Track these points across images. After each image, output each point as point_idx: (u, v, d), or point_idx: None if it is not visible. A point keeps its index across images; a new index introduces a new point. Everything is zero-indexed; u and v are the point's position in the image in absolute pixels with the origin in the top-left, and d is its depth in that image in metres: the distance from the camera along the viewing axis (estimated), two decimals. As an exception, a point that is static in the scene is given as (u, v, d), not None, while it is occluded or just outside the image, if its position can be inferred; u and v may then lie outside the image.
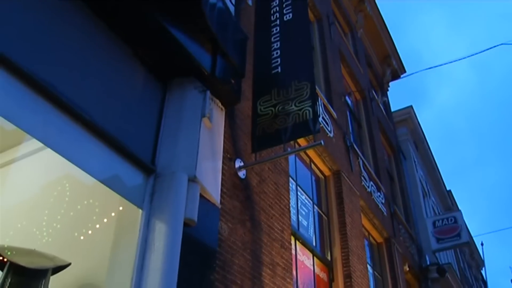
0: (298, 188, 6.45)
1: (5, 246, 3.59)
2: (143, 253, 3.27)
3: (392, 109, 15.67)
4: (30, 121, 2.90)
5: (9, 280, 3.42)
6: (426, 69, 29.65)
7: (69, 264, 3.63)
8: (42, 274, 3.49)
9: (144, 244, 3.30)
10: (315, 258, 6.36)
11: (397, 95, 41.13)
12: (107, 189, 4.18)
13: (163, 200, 3.42)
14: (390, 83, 15.72)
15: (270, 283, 4.53)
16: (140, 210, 3.42)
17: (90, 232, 4.15)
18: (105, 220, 4.12)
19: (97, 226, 4.14)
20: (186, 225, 3.41)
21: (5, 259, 3.49)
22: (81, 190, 4.51)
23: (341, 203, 7.26)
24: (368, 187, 9.04)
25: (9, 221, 4.82)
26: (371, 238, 9.27)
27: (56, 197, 4.62)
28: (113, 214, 4.08)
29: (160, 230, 3.30)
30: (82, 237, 4.15)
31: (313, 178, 7.27)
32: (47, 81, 2.92)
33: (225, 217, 4.08)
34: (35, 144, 5.14)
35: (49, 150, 5.04)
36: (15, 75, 2.77)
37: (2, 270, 3.45)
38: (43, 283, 3.48)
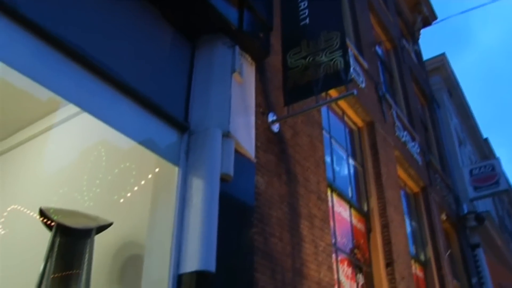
0: (332, 140, 6.43)
1: (51, 208, 3.72)
2: (182, 211, 3.33)
3: (435, 53, 15.19)
4: (64, 86, 2.95)
5: (58, 240, 3.56)
6: (458, 14, 28.52)
7: (111, 224, 3.74)
8: (87, 233, 3.61)
9: (182, 201, 3.36)
10: (351, 209, 6.39)
11: (438, 38, 39.54)
12: (142, 151, 4.25)
13: (198, 157, 3.45)
14: (429, 27, 15.22)
15: (309, 234, 4.58)
16: (176, 168, 3.47)
17: (128, 194, 4.25)
18: (143, 182, 4.20)
19: (135, 188, 4.23)
20: (222, 180, 3.45)
21: (52, 222, 3.63)
22: (116, 154, 4.60)
23: (376, 154, 7.21)
24: (402, 136, 8.92)
25: (51, 187, 4.98)
26: (407, 188, 9.22)
27: (93, 162, 4.73)
28: (150, 176, 4.16)
29: (197, 187, 3.35)
30: (121, 200, 4.25)
31: (347, 130, 7.22)
32: (78, 46, 2.95)
33: (261, 171, 4.10)
34: (69, 110, 5.25)
35: (82, 117, 5.15)
36: (46, 41, 2.80)
37: (50, 230, 3.60)
38: (88, 242, 3.60)
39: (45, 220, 3.69)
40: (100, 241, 3.68)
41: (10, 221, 5.32)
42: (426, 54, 15.82)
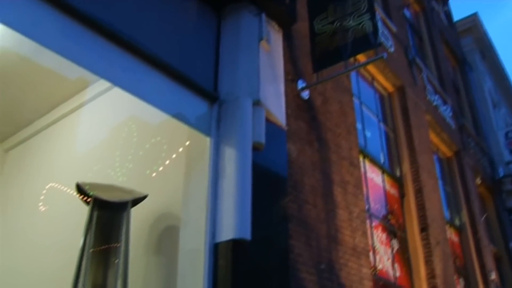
0: (362, 106, 6.34)
1: (87, 183, 3.79)
2: (215, 181, 3.35)
3: (466, 14, 14.74)
4: (94, 62, 2.97)
5: (95, 214, 3.64)
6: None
7: (146, 196, 3.80)
8: (123, 207, 3.68)
9: (215, 171, 3.38)
10: (384, 174, 6.33)
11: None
12: (173, 125, 4.27)
13: (229, 126, 3.45)
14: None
15: (342, 200, 4.57)
16: (208, 138, 3.48)
17: (161, 168, 4.30)
18: (174, 156, 4.24)
19: (167, 161, 4.27)
20: (254, 149, 3.44)
21: (89, 197, 3.71)
22: (147, 129, 4.64)
23: (407, 119, 7.09)
24: (434, 100, 8.74)
25: (85, 165, 5.07)
26: (440, 153, 9.08)
27: (125, 138, 4.78)
28: (181, 148, 4.19)
29: (229, 156, 3.35)
30: (153, 174, 4.30)
31: (377, 95, 7.11)
32: (106, 21, 2.96)
33: (292, 138, 4.09)
34: (100, 87, 5.30)
35: (111, 94, 5.20)
36: (74, 18, 2.81)
37: (87, 204, 3.68)
38: (125, 215, 3.67)
39: (82, 195, 3.76)
40: (136, 213, 3.75)
41: (49, 199, 5.46)
42: (457, 15, 15.32)
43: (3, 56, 5.21)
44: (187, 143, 3.74)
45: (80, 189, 3.71)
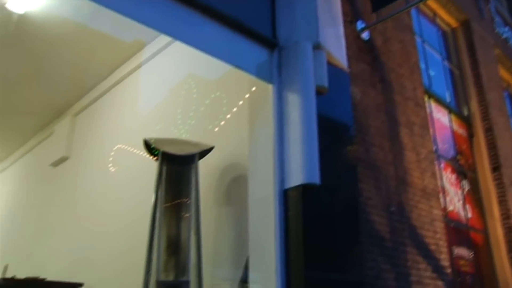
0: (425, 44, 6.07)
1: (153, 138, 3.87)
2: (281, 127, 3.33)
3: None
4: (153, 16, 2.95)
5: (164, 168, 3.73)
6: None
7: (212, 148, 3.85)
8: (191, 159, 3.75)
9: (280, 118, 3.35)
10: (451, 114, 6.10)
11: None
12: (231, 79, 4.26)
13: (291, 72, 3.39)
14: None
15: (409, 142, 4.45)
16: (270, 86, 3.44)
17: (222, 122, 4.32)
18: (235, 109, 4.25)
19: (228, 115, 4.29)
20: (318, 93, 3.37)
21: (156, 152, 3.79)
22: (205, 85, 4.66)
23: (473, 55, 6.74)
24: (503, 33, 8.20)
25: (148, 125, 5.19)
26: (510, 89, 8.62)
27: (185, 96, 4.82)
28: (241, 102, 4.19)
29: (293, 102, 3.30)
30: (216, 129, 4.34)
31: (440, 32, 6.77)
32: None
33: (355, 81, 3.98)
34: (159, 43, 5.34)
35: (169, 53, 5.22)
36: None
37: (156, 159, 3.77)
38: (193, 168, 3.74)
39: (149, 151, 3.86)
40: (203, 166, 3.82)
41: (117, 159, 5.65)
42: None
43: (62, 26, 5.34)
44: (249, 93, 3.72)
45: (147, 145, 3.80)
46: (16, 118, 7.60)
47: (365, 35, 4.35)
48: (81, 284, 5.26)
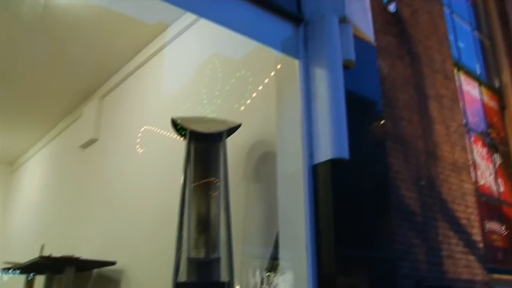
0: (454, 15, 5.91)
1: (180, 117, 3.88)
2: (308, 103, 3.29)
3: None
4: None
5: (192, 147, 3.75)
6: None
7: (240, 125, 3.84)
8: (219, 137, 3.75)
9: (307, 93, 3.31)
10: (481, 87, 5.96)
11: None
12: (256, 57, 4.23)
13: (317, 46, 3.34)
14: None
15: (438, 115, 4.38)
16: (297, 61, 3.40)
17: (248, 101, 4.31)
18: (261, 87, 4.23)
19: (254, 94, 4.27)
20: (345, 67, 3.31)
21: (183, 133, 3.80)
22: (230, 64, 4.64)
23: (506, 23, 6.52)
24: (535, 0, 7.95)
25: (174, 105, 5.21)
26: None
27: (210, 75, 4.82)
28: (266, 80, 4.16)
29: (320, 76, 3.27)
30: (242, 108, 4.33)
31: (469, 2, 6.58)
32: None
33: (382, 54, 3.91)
34: (183, 23, 5.33)
35: (192, 32, 5.21)
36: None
37: (184, 138, 3.79)
38: (221, 145, 3.75)
39: (177, 130, 3.87)
40: (231, 144, 3.82)
41: (145, 141, 5.70)
42: None
43: (87, 10, 5.39)
44: (275, 71, 3.69)
45: (175, 124, 3.82)
46: (45, 102, 7.73)
47: (392, 7, 4.27)
48: (114, 263, 5.38)
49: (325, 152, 3.08)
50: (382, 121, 3.64)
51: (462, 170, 4.50)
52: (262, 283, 3.50)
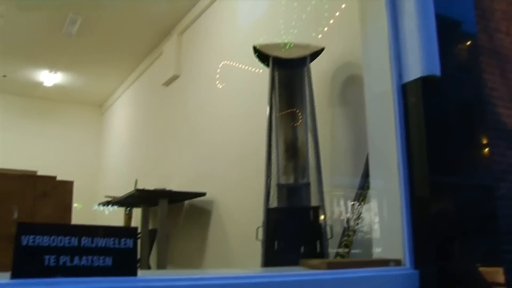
0: None
1: (259, 45, 3.83)
2: (394, 20, 3.11)
3: None
4: None
5: (276, 73, 3.71)
6: None
7: (323, 48, 3.74)
8: (302, 62, 3.69)
9: (393, 10, 3.13)
10: None
11: None
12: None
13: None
14: None
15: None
16: (380, -24, 3.21)
17: (326, 28, 4.17)
18: (337, 14, 4.08)
19: (331, 21, 4.13)
20: (432, -24, 3.09)
21: (266, 60, 3.76)
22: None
23: None
24: None
25: (251, 38, 5.11)
26: None
27: (285, 5, 4.70)
28: (343, 5, 4.01)
29: (407, -10, 3.07)
30: (320, 36, 4.20)
31: None
32: None
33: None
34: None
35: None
36: None
37: (267, 66, 3.76)
38: (305, 71, 3.68)
39: (260, 57, 3.84)
40: (315, 69, 3.75)
41: (226, 73, 5.73)
42: None
43: None
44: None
45: (257, 52, 3.78)
46: (126, 44, 7.95)
47: None
48: (204, 193, 5.60)
49: (415, 70, 2.94)
50: (476, 35, 3.39)
51: None
52: (348, 211, 3.50)
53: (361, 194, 3.30)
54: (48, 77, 9.62)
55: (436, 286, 2.15)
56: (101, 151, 11.49)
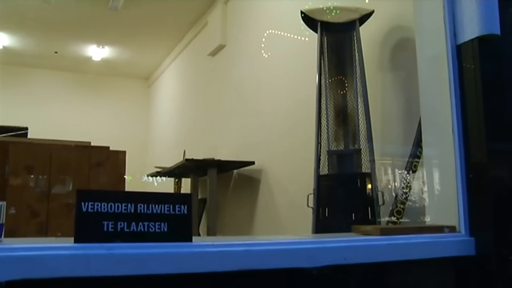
0: None
1: (308, 9, 3.75)
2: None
3: None
4: None
5: (325, 38, 3.63)
6: None
7: (373, 11, 3.62)
8: (351, 26, 3.59)
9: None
10: None
11: None
12: None
13: None
14: None
15: None
16: None
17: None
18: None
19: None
20: None
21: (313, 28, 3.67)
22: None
23: None
24: None
25: (296, 4, 5.01)
26: None
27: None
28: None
29: None
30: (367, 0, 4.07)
31: None
32: None
33: None
34: None
35: None
36: None
37: (315, 31, 3.68)
38: (354, 35, 3.58)
39: (307, 22, 3.76)
40: (364, 33, 3.64)
41: (272, 41, 5.66)
42: None
43: None
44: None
45: (305, 16, 3.70)
46: (171, 14, 7.96)
47: None
48: (252, 162, 5.62)
49: (471, 29, 2.78)
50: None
51: None
52: (399, 180, 3.42)
53: (413, 162, 3.21)
54: (96, 52, 9.84)
55: (493, 253, 2.08)
56: (149, 123, 11.71)
